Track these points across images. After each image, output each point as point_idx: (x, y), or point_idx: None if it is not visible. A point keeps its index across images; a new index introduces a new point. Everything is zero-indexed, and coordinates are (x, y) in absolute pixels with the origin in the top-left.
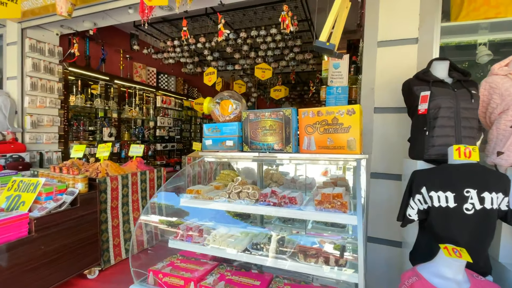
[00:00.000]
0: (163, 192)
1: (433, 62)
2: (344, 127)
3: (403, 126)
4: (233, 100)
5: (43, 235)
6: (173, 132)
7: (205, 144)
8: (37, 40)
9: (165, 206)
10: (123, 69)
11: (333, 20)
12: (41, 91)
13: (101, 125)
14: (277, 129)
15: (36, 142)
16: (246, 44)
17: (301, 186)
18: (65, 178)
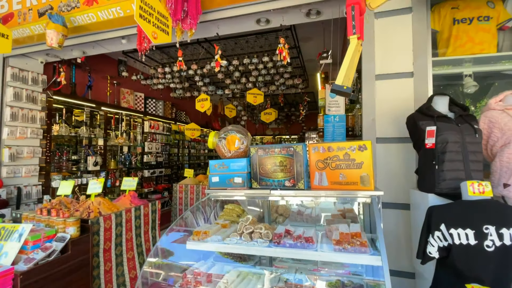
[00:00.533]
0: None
1: (434, 97)
2: (357, 163)
3: (406, 156)
4: (239, 135)
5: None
6: (161, 157)
7: (211, 181)
8: (20, 69)
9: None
10: (110, 95)
11: (349, 63)
12: (22, 121)
13: (86, 153)
14: (288, 165)
15: (14, 176)
16: (238, 71)
17: (308, 219)
18: (55, 222)
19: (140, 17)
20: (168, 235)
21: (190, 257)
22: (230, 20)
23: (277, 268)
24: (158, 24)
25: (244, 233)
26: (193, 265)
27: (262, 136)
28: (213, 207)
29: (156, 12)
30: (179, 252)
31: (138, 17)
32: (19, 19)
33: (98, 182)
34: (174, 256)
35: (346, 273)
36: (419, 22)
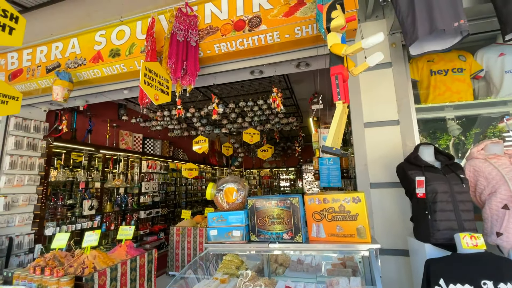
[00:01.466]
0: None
1: (420, 147)
2: (352, 215)
3: (401, 201)
4: (237, 187)
5: None
6: (157, 196)
7: (209, 235)
8: (23, 118)
9: None
10: (109, 138)
11: (337, 126)
12: (21, 169)
13: (82, 197)
14: (285, 218)
15: (7, 226)
16: (234, 112)
17: (308, 269)
18: (48, 282)
19: (144, 83)
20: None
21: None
22: (227, 73)
23: None
24: (160, 87)
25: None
26: None
27: (260, 170)
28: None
29: (158, 77)
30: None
31: (143, 83)
32: (27, 75)
33: (94, 234)
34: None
35: None
36: (399, 75)
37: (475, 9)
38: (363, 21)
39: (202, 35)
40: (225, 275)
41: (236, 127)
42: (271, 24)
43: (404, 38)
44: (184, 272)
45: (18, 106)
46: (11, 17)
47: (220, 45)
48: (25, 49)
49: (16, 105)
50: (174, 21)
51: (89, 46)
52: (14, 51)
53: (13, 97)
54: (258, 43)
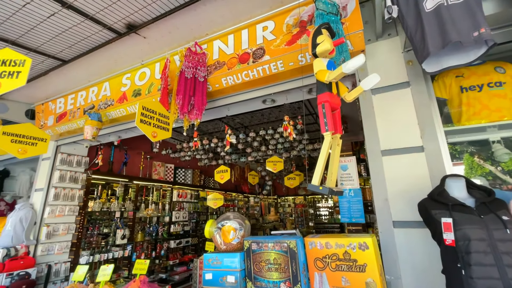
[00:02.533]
0: None
1: (446, 180)
2: (359, 265)
3: (431, 246)
4: (235, 225)
5: None
6: (188, 226)
7: (204, 279)
8: (68, 154)
9: None
10: (143, 169)
11: (324, 162)
12: (63, 200)
13: (116, 226)
14: (282, 264)
15: (47, 254)
16: (256, 141)
17: None
18: None
19: (140, 122)
20: None
21: None
22: (238, 103)
23: None
24: (158, 124)
25: None
26: None
27: (294, 197)
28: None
29: (157, 114)
30: None
31: (139, 122)
32: (70, 116)
33: (108, 268)
34: None
35: None
36: (420, 94)
37: (505, 15)
38: (374, 41)
39: (210, 70)
40: None
41: (262, 155)
42: (274, 54)
43: (416, 55)
44: None
45: (46, 147)
46: (19, 64)
47: (227, 78)
48: (69, 95)
49: (44, 146)
50: (184, 60)
51: (117, 89)
52: (62, 97)
53: (41, 139)
54: (263, 73)
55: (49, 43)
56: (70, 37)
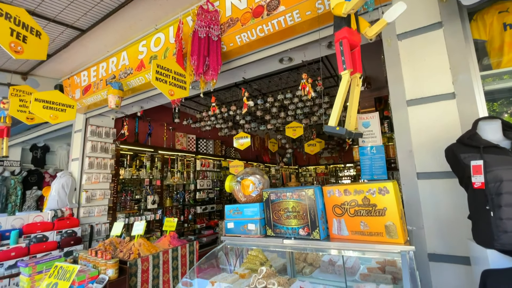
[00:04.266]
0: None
1: (479, 123)
2: (379, 209)
3: (457, 195)
4: (254, 179)
5: None
6: (212, 193)
7: (227, 227)
8: (97, 126)
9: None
10: (166, 140)
11: (342, 102)
12: (97, 169)
13: (146, 193)
14: (301, 212)
15: (88, 216)
16: (275, 107)
17: (341, 271)
18: (99, 264)
19: (156, 80)
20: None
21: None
22: (254, 64)
23: None
24: (175, 82)
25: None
26: None
27: (316, 166)
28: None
29: (173, 72)
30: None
31: (155, 80)
32: (94, 88)
33: (141, 224)
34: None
35: None
36: (454, 36)
37: None
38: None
39: (224, 29)
40: (246, 270)
41: (281, 122)
42: (290, 3)
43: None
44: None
45: (74, 113)
46: (36, 34)
47: (241, 35)
48: (91, 67)
49: (72, 112)
50: (196, 19)
51: (134, 57)
52: (85, 69)
53: (69, 106)
54: (278, 26)
55: (65, 11)
56: (84, 3)
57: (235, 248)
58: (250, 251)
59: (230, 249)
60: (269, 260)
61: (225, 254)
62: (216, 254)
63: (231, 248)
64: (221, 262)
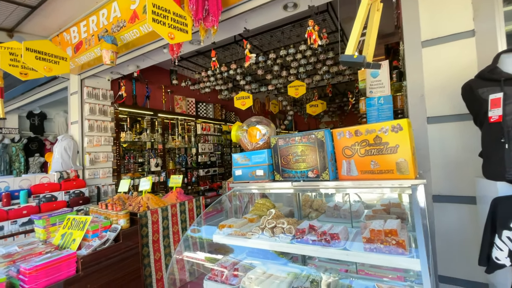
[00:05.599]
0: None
1: (501, 56)
2: (390, 147)
3: (468, 137)
4: (260, 126)
5: (89, 273)
6: (214, 157)
7: (235, 175)
8: (93, 87)
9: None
10: (165, 103)
11: (360, 28)
12: (97, 131)
13: (149, 156)
14: (310, 154)
15: (94, 177)
16: (277, 64)
17: (346, 215)
18: (110, 215)
19: (153, 21)
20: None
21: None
22: (256, 11)
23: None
24: (175, 24)
25: (266, 228)
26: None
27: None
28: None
29: (172, 13)
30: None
31: (151, 21)
32: (86, 45)
33: (147, 180)
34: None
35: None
36: None
37: None
38: None
39: None
40: (254, 216)
41: (283, 82)
42: None
43: None
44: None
45: (67, 66)
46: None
47: None
48: (81, 22)
49: (66, 65)
50: None
51: (126, 7)
52: (74, 25)
53: (62, 58)
54: None
55: None
56: None
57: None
58: (257, 200)
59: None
60: (276, 207)
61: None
62: (223, 200)
63: (239, 195)
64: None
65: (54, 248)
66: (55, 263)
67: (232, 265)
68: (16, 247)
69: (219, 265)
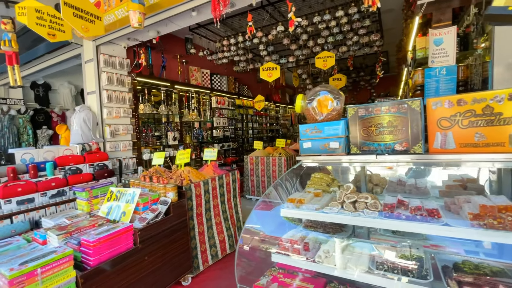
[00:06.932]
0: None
1: None
2: (504, 118)
3: None
4: (332, 96)
5: (145, 246)
6: (228, 131)
7: (302, 147)
8: (109, 55)
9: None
10: (181, 74)
11: None
12: (116, 102)
13: (166, 129)
14: (399, 126)
15: (115, 150)
16: (306, 33)
17: (412, 190)
18: (156, 187)
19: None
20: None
21: (271, 228)
22: None
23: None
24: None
25: (346, 203)
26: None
27: None
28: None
29: None
30: (264, 223)
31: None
32: (105, 6)
33: (186, 152)
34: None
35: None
36: None
37: None
38: None
39: None
40: (317, 190)
41: (305, 54)
42: None
43: None
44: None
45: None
46: None
47: None
48: None
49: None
50: None
51: None
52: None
53: (97, 17)
54: None
55: None
56: None
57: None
58: (313, 174)
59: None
60: (336, 181)
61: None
62: (297, 172)
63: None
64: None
65: (106, 221)
66: (116, 235)
67: (301, 239)
68: (65, 219)
69: (286, 240)
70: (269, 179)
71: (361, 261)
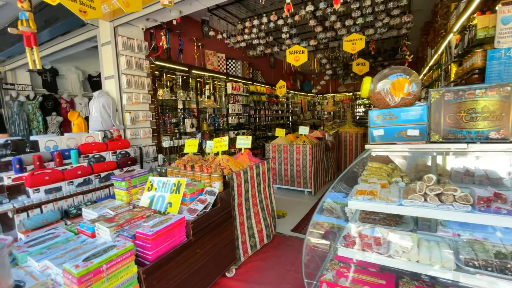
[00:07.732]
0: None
1: None
2: None
3: None
4: (410, 78)
5: (197, 238)
6: (242, 118)
7: (373, 135)
8: (128, 37)
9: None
10: (197, 58)
11: None
12: (135, 88)
13: (183, 116)
14: (497, 112)
15: (135, 137)
16: (335, 14)
17: (482, 181)
18: (201, 177)
19: None
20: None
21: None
22: None
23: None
24: None
25: (430, 195)
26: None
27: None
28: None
29: None
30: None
31: None
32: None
33: (223, 140)
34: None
35: None
36: None
37: None
38: None
39: None
40: (384, 181)
41: (328, 37)
42: None
43: None
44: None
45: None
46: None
47: None
48: None
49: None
50: None
51: None
52: None
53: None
54: None
55: None
56: None
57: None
58: (370, 163)
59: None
60: (398, 169)
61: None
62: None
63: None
64: None
65: (152, 212)
66: (171, 228)
67: (370, 233)
68: (108, 210)
69: (355, 233)
70: (292, 168)
71: (444, 257)
